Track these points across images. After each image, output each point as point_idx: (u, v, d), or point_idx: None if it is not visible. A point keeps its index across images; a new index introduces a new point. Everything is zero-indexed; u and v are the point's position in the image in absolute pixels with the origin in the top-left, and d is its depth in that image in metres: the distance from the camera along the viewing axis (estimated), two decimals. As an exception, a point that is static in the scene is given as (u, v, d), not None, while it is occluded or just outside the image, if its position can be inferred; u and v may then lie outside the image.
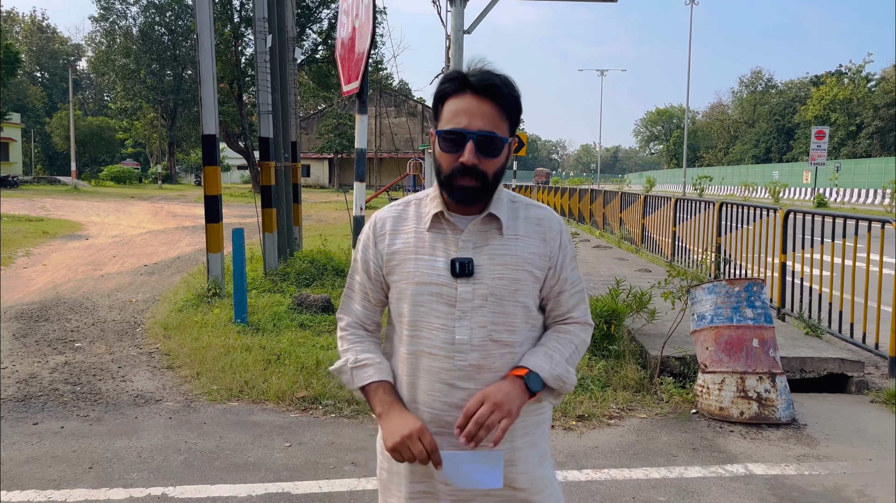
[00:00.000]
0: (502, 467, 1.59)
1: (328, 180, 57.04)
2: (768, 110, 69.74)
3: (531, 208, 1.70)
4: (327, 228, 16.86)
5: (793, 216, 6.90)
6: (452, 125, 1.57)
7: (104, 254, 12.61)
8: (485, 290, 1.60)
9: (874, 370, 5.57)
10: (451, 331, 1.60)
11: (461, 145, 1.56)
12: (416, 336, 1.63)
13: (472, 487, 1.59)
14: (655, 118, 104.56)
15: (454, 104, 1.58)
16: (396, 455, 1.56)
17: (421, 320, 1.62)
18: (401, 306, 1.66)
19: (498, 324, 1.61)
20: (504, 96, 1.59)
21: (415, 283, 1.62)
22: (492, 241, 1.63)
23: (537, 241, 1.66)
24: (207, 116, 7.50)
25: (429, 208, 1.66)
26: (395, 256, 1.66)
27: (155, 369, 5.49)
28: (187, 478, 3.61)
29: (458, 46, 10.08)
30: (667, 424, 4.46)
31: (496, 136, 1.57)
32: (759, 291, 4.68)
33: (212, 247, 7.69)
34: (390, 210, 1.73)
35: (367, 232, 1.73)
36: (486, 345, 1.60)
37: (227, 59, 35.46)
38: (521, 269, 1.63)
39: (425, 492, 1.67)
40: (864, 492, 3.57)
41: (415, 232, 1.66)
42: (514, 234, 1.65)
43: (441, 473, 1.59)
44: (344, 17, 5.68)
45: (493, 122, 1.57)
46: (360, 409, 4.56)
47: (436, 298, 1.61)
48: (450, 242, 1.62)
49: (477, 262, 1.61)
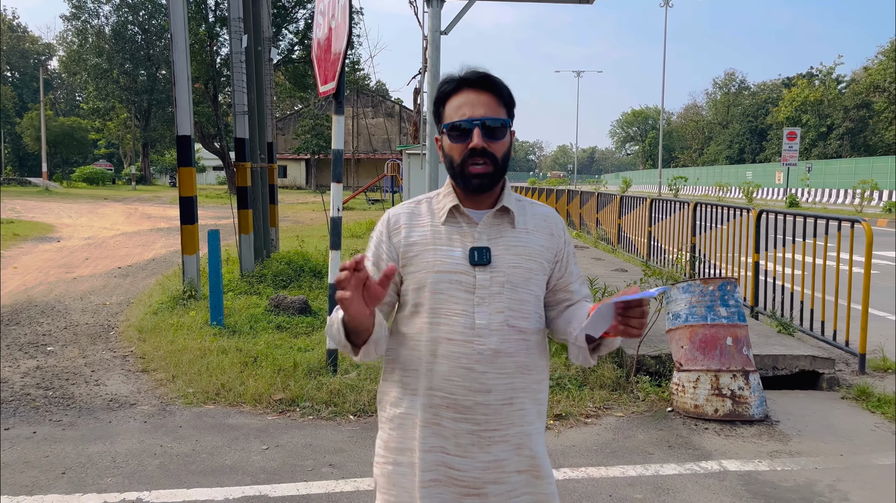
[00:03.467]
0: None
1: (305, 181, 56.74)
2: (741, 111, 70.64)
3: (536, 206, 1.82)
4: (304, 229, 16.76)
5: (765, 216, 7.01)
6: (458, 118, 1.68)
7: (77, 257, 12.42)
8: (502, 278, 1.69)
9: (845, 367, 5.67)
10: (471, 317, 1.67)
11: (469, 133, 1.67)
12: (435, 323, 1.69)
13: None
14: (631, 119, 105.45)
15: (455, 101, 1.70)
16: (340, 286, 1.50)
17: (441, 307, 1.69)
18: (420, 295, 1.71)
19: (514, 311, 1.70)
20: (499, 86, 1.71)
21: (435, 272, 1.69)
22: (505, 234, 1.73)
23: (545, 236, 1.77)
24: (182, 117, 7.42)
25: (443, 203, 1.76)
26: (412, 248, 1.73)
27: (129, 373, 5.42)
28: (163, 483, 3.57)
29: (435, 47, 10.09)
30: (643, 422, 4.51)
31: (499, 119, 1.69)
32: (733, 290, 4.74)
33: (187, 248, 7.61)
34: (403, 207, 1.81)
35: (380, 228, 1.80)
36: (503, 329, 1.68)
37: (202, 60, 35.11)
38: (533, 260, 1.73)
39: (436, 480, 1.71)
40: (835, 488, 3.64)
41: (430, 226, 1.74)
42: (525, 227, 1.75)
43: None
44: (320, 18, 5.65)
45: (494, 109, 1.69)
46: (338, 411, 4.55)
47: (455, 286, 1.68)
48: (466, 234, 1.71)
49: (493, 252, 1.70)
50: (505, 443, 1.70)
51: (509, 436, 1.70)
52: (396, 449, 1.75)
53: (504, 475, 1.71)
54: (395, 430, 1.76)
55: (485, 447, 1.69)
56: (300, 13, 39.22)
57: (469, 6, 10.57)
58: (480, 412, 1.68)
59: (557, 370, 5.16)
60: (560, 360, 5.31)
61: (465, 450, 1.69)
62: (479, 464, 1.69)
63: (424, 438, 1.70)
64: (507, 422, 1.70)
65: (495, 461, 1.70)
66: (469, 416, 1.68)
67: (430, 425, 1.70)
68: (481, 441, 1.69)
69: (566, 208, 19.07)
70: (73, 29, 49.92)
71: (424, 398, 1.70)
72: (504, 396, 1.69)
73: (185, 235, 7.61)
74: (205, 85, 36.69)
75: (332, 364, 5.13)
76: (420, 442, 1.70)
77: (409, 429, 1.73)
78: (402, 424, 1.74)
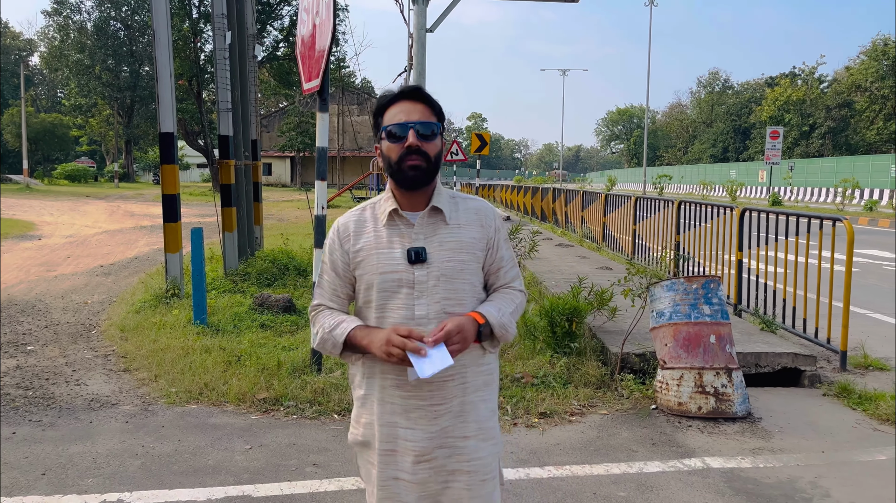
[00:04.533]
0: (448, 355, 1.81)
1: (290, 179, 56.48)
2: (725, 110, 71.14)
3: (469, 201, 2.03)
4: (289, 227, 16.67)
5: (748, 214, 7.05)
6: (395, 121, 1.91)
7: (58, 255, 12.28)
8: (437, 272, 1.91)
9: (826, 364, 5.72)
10: (412, 309, 1.90)
11: (404, 134, 1.88)
12: (382, 317, 1.93)
13: (433, 373, 1.80)
14: (616, 118, 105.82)
15: (393, 110, 1.93)
16: (389, 355, 1.82)
17: (386, 303, 1.92)
18: (369, 294, 1.95)
19: (450, 299, 1.92)
20: (429, 98, 1.95)
21: (379, 274, 1.92)
22: (439, 231, 1.94)
23: (476, 228, 1.98)
24: (165, 114, 7.35)
25: (384, 208, 1.97)
26: (359, 253, 1.96)
27: (111, 372, 5.36)
28: (144, 484, 3.53)
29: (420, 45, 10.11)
30: (627, 420, 4.52)
31: (430, 123, 1.91)
32: (716, 288, 4.77)
33: (170, 246, 7.55)
34: (350, 215, 2.03)
35: (332, 237, 2.02)
36: (441, 317, 1.90)
37: (185, 56, 34.83)
38: (465, 252, 1.95)
39: (391, 450, 1.95)
40: (816, 484, 3.67)
41: (374, 231, 1.97)
42: (457, 223, 1.97)
43: (409, 375, 1.86)
44: (304, 15, 5.61)
45: (426, 115, 1.92)
46: (322, 410, 4.53)
47: (397, 283, 1.91)
48: (404, 236, 1.94)
49: (428, 250, 1.91)
50: (449, 414, 1.94)
51: (453, 408, 1.94)
52: (365, 423, 2.01)
53: (450, 440, 1.94)
54: (361, 408, 2.03)
55: (431, 419, 1.93)
56: (285, 10, 39.01)
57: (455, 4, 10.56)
58: (426, 389, 1.91)
59: (542, 368, 5.17)
60: (545, 359, 5.32)
61: (414, 423, 1.93)
62: (426, 435, 1.92)
63: (381, 415, 1.96)
64: (451, 395, 1.94)
65: (441, 430, 1.93)
66: (416, 393, 1.92)
67: (385, 403, 1.95)
68: (428, 414, 1.92)
69: (551, 206, 19.12)
70: (55, 24, 49.33)
71: (379, 380, 1.96)
72: (445, 373, 1.89)
73: (167, 233, 7.54)
74: (188, 82, 36.40)
75: (317, 363, 5.10)
76: (378, 417, 1.96)
77: (370, 406, 1.99)
78: (364, 403, 2.01)
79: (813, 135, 57.47)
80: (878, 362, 5.76)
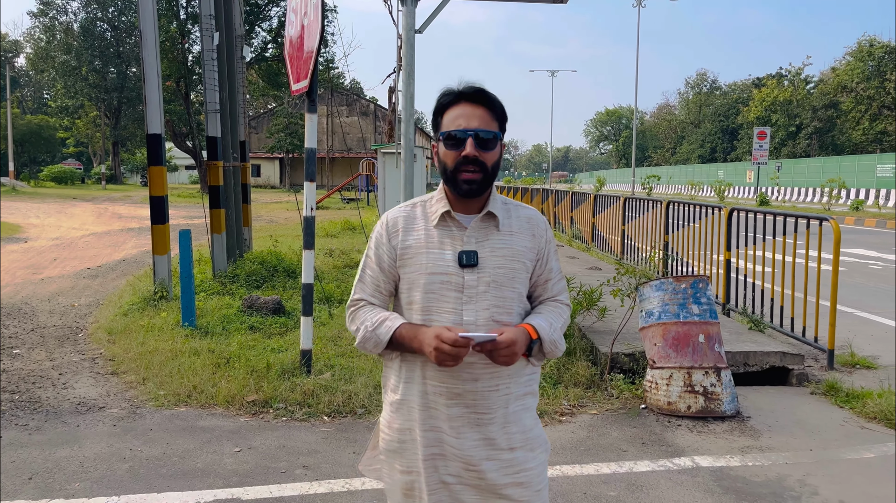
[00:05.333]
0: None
1: (279, 180, 56.30)
2: (713, 111, 71.50)
3: (521, 209, 1.98)
4: (278, 229, 16.61)
5: (736, 214, 7.09)
6: (454, 128, 1.84)
7: (44, 258, 12.18)
8: (488, 278, 1.86)
9: (814, 363, 5.76)
10: (460, 314, 1.84)
11: (463, 142, 1.82)
12: (427, 319, 1.86)
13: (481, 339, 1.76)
14: (605, 118, 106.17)
15: (452, 113, 1.86)
16: (440, 356, 1.74)
17: (432, 305, 1.86)
18: (413, 294, 1.89)
19: (499, 307, 1.87)
20: (492, 101, 1.88)
21: (427, 273, 1.86)
22: (491, 237, 1.89)
23: (528, 237, 1.93)
24: (152, 115, 7.31)
25: (436, 208, 1.92)
26: (408, 251, 1.90)
27: (98, 375, 5.32)
28: (132, 487, 3.51)
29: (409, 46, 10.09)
30: (617, 420, 4.53)
31: (491, 132, 1.85)
32: (705, 288, 4.79)
33: (158, 249, 7.50)
34: (399, 211, 1.97)
35: (379, 230, 1.96)
36: (489, 324, 1.85)
37: (173, 57, 34.62)
38: (517, 261, 1.90)
39: (438, 454, 1.89)
40: (805, 482, 3.69)
41: (424, 230, 1.91)
42: (510, 230, 1.92)
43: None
44: (292, 16, 5.59)
45: (487, 122, 1.85)
46: (312, 412, 4.51)
47: (446, 286, 1.85)
48: (455, 238, 1.88)
49: (480, 254, 1.86)
50: (493, 425, 1.88)
51: (496, 418, 1.88)
52: (399, 429, 1.94)
53: (496, 452, 1.88)
54: (395, 413, 1.95)
55: (475, 427, 1.87)
56: (273, 11, 38.87)
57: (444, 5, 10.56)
58: (469, 398, 1.86)
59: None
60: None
61: (458, 432, 1.87)
62: (471, 443, 1.87)
63: (423, 420, 1.89)
64: (495, 405, 1.88)
65: (486, 439, 1.88)
66: (459, 401, 1.87)
67: (428, 409, 1.89)
68: (471, 422, 1.87)
69: (541, 207, 19.14)
70: (41, 25, 48.99)
71: (420, 385, 1.89)
72: (490, 384, 1.87)
73: (155, 235, 7.50)
74: (176, 83, 36.20)
75: (306, 365, 5.08)
76: (420, 423, 1.89)
77: (408, 412, 1.92)
78: (401, 408, 1.93)
79: (800, 135, 57.88)
80: (865, 360, 5.80)
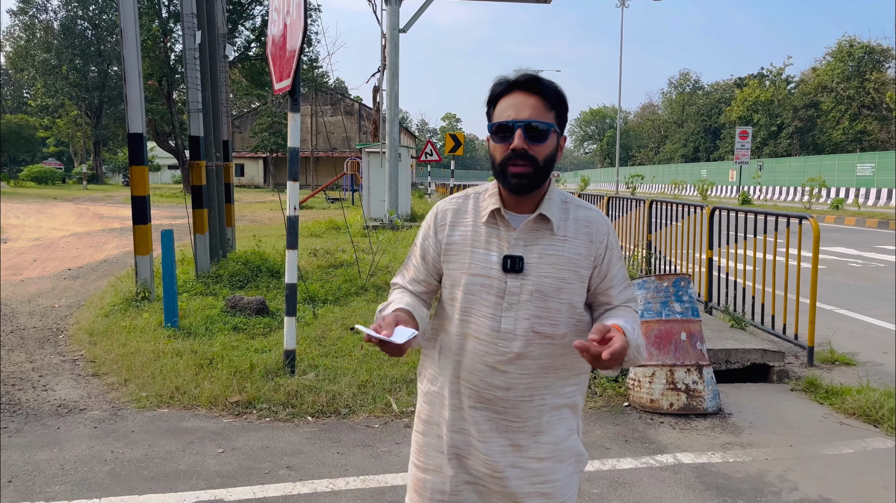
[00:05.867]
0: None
1: (263, 180, 56.02)
2: (696, 111, 72.07)
3: (581, 209, 1.82)
4: (262, 229, 16.53)
5: (718, 213, 7.15)
6: (503, 119, 1.72)
7: (24, 258, 12.03)
8: (531, 286, 1.74)
9: (794, 360, 5.82)
10: (498, 320, 1.74)
11: (511, 134, 1.70)
12: (465, 320, 1.78)
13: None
14: (589, 118, 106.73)
15: (504, 103, 1.74)
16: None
17: (471, 307, 1.77)
18: (454, 292, 1.81)
19: (541, 318, 1.75)
20: (547, 89, 1.73)
21: (469, 274, 1.77)
22: (541, 241, 1.76)
23: (584, 243, 1.78)
24: (133, 114, 7.25)
25: (487, 203, 1.80)
26: (452, 247, 1.81)
27: (79, 377, 5.27)
28: (114, 489, 3.48)
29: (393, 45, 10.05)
30: (600, 418, 4.56)
31: (541, 123, 1.71)
32: (687, 286, 4.83)
33: (140, 249, 7.44)
34: (451, 202, 1.87)
35: (428, 221, 1.88)
36: (528, 335, 1.74)
37: (155, 56, 34.35)
38: (567, 269, 1.76)
39: (463, 455, 1.83)
40: (785, 478, 3.74)
41: (472, 225, 1.80)
42: (564, 235, 1.78)
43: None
44: (275, 15, 5.57)
45: (539, 112, 1.71)
46: (296, 413, 4.50)
47: (486, 289, 1.75)
48: (503, 239, 1.76)
49: (527, 260, 1.74)
50: (523, 433, 1.80)
51: (527, 427, 1.80)
52: (426, 421, 1.89)
53: (523, 460, 1.79)
54: (427, 404, 1.90)
55: (503, 433, 1.79)
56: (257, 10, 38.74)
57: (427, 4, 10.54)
58: (500, 405, 1.78)
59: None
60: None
61: (484, 437, 1.79)
62: (497, 449, 1.79)
63: (452, 420, 1.83)
64: (526, 415, 1.79)
65: (513, 446, 1.79)
66: (489, 407, 1.78)
67: (456, 409, 1.82)
68: (500, 427, 1.79)
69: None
70: (21, 24, 48.41)
71: (452, 384, 1.82)
72: (524, 394, 1.77)
73: (137, 235, 7.44)
74: (159, 82, 35.92)
75: (290, 365, 5.07)
76: (448, 422, 1.83)
77: (438, 407, 1.86)
78: (433, 401, 1.88)
79: (781, 135, 58.46)
80: (845, 357, 5.87)
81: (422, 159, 22.21)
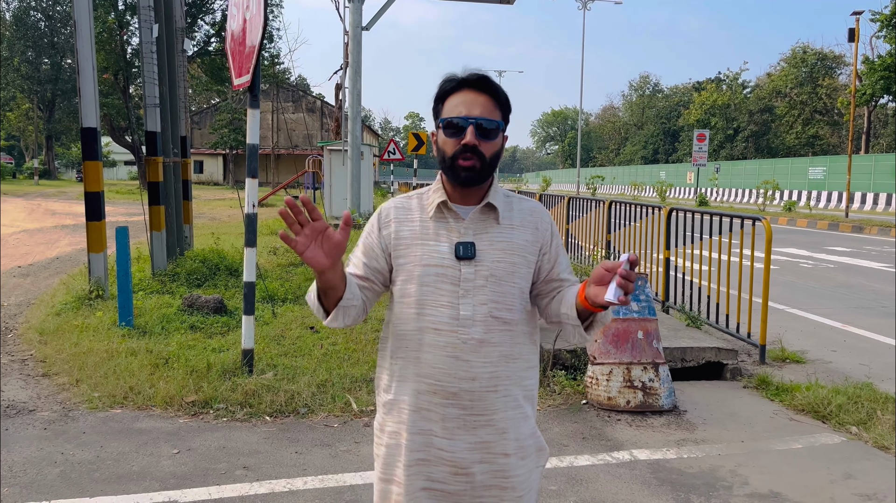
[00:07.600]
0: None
1: (223, 177, 55.18)
2: (655, 113, 73.33)
3: (524, 202, 1.90)
4: (221, 227, 16.28)
5: (675, 214, 7.29)
6: (454, 115, 1.76)
7: (-28, 255, 11.65)
8: (486, 272, 1.77)
9: (747, 357, 5.97)
10: (456, 308, 1.76)
11: (463, 130, 1.75)
12: (422, 313, 1.78)
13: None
14: (551, 119, 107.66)
15: (454, 99, 1.79)
16: (287, 223, 1.65)
17: (427, 298, 1.78)
18: (408, 287, 1.80)
19: (498, 303, 1.78)
20: (496, 88, 1.80)
21: (423, 265, 1.78)
22: (490, 229, 1.81)
23: (531, 230, 1.85)
24: (87, 108, 7.07)
25: (432, 199, 1.84)
26: (402, 242, 1.82)
27: (29, 377, 5.13)
28: (64, 492, 3.39)
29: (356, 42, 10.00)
30: (559, 415, 4.61)
31: (493, 121, 1.77)
32: (644, 285, 4.91)
33: (93, 246, 7.27)
34: (394, 201, 1.90)
35: (372, 221, 1.89)
36: (487, 320, 1.77)
37: (111, 49, 33.61)
38: (517, 255, 1.81)
39: (424, 459, 1.80)
40: (736, 472, 3.83)
41: (420, 221, 1.83)
42: (510, 223, 1.83)
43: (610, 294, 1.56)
44: (234, 9, 5.49)
45: (489, 110, 1.77)
46: (254, 412, 4.44)
47: (441, 279, 1.77)
48: (452, 229, 1.80)
49: (478, 247, 1.78)
50: (490, 427, 1.79)
51: (495, 421, 1.79)
52: (389, 432, 1.85)
53: (490, 456, 1.80)
54: (387, 415, 1.86)
55: (471, 429, 1.78)
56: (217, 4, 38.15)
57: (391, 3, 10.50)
58: (466, 398, 1.77)
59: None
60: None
61: (451, 433, 1.78)
62: (465, 446, 1.78)
63: (413, 422, 1.79)
64: (493, 407, 1.79)
65: (481, 442, 1.79)
66: (455, 402, 1.77)
67: (420, 410, 1.79)
68: (467, 424, 1.78)
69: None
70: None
71: (413, 384, 1.79)
72: (489, 384, 1.77)
73: (91, 232, 7.26)
74: (114, 75, 35.14)
75: (248, 364, 5.00)
76: (409, 425, 1.80)
77: (399, 413, 1.83)
78: (392, 409, 1.84)
79: (737, 138, 59.83)
80: (795, 355, 6.04)
81: (384, 158, 22.13)
